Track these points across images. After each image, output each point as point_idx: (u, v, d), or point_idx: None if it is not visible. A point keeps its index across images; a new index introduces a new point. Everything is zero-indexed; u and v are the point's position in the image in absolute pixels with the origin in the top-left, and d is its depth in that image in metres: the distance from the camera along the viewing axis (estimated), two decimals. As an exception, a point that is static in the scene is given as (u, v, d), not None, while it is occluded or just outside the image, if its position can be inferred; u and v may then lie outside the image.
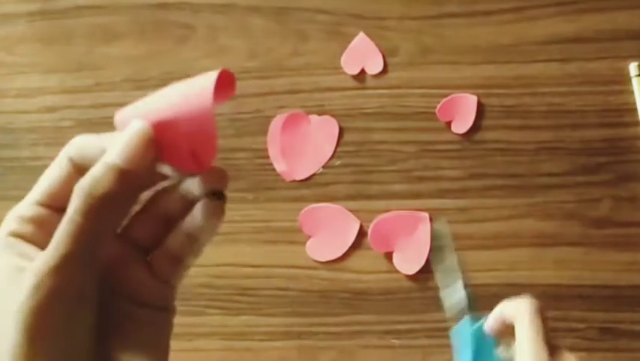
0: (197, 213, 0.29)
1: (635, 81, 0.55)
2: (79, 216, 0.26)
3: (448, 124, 0.58)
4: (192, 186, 0.29)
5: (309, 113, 0.60)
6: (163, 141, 0.28)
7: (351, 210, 0.59)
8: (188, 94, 0.28)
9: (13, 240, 0.28)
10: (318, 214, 0.60)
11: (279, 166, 0.60)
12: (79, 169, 0.30)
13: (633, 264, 0.56)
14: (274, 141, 0.60)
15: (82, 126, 0.63)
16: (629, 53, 0.55)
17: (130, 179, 0.27)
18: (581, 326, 0.56)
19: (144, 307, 0.29)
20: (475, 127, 0.58)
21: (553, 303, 0.57)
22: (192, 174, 0.29)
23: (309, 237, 0.60)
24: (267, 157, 0.60)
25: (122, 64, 0.62)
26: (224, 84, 0.29)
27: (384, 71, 0.59)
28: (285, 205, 0.60)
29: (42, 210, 0.30)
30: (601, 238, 0.56)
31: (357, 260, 0.59)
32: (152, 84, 0.62)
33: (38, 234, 0.29)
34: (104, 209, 0.27)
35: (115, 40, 0.62)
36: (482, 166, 0.57)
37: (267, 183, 0.60)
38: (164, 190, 0.30)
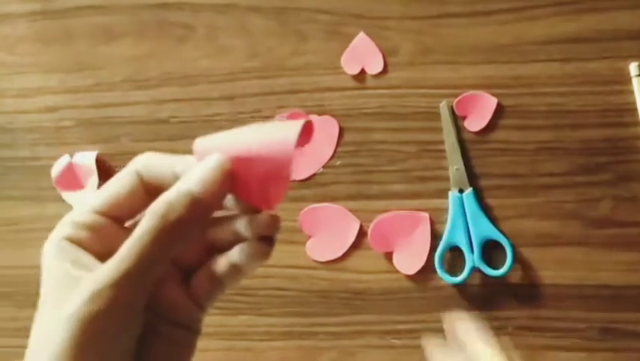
0: (244, 250, 0.30)
1: (635, 81, 0.55)
2: (148, 236, 0.27)
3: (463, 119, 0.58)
4: (244, 225, 0.30)
5: (309, 113, 0.60)
6: (237, 176, 0.29)
7: (351, 210, 0.59)
8: (271, 139, 0.28)
9: (67, 244, 0.28)
10: (318, 214, 0.60)
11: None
12: (145, 185, 0.30)
13: (633, 264, 0.56)
14: (274, 141, 0.60)
15: (82, 126, 0.63)
16: (629, 53, 0.55)
17: (203, 208, 0.28)
18: (581, 326, 0.56)
19: (177, 327, 0.30)
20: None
21: (553, 303, 0.57)
22: (254, 212, 0.30)
23: (309, 237, 0.60)
24: (267, 157, 0.60)
25: (122, 64, 0.62)
26: (305, 133, 0.30)
27: (385, 71, 0.59)
28: (285, 205, 0.60)
29: (100, 219, 0.30)
30: (601, 238, 0.56)
31: (357, 260, 0.59)
32: (152, 84, 0.62)
33: (93, 241, 0.29)
34: (173, 234, 0.27)
35: (115, 40, 0.62)
36: (482, 166, 0.57)
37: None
38: (219, 219, 0.31)
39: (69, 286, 0.26)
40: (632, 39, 0.55)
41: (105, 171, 0.62)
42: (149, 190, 0.30)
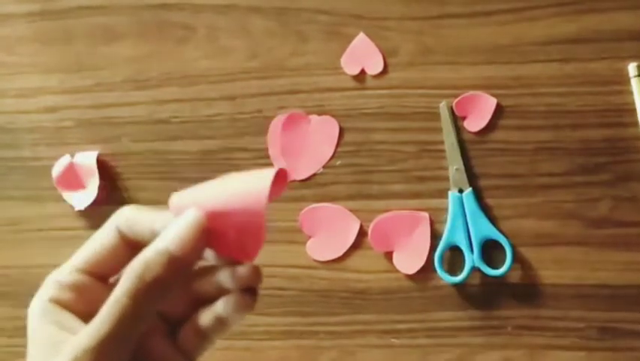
0: (228, 302, 0.30)
1: (634, 81, 0.55)
2: (127, 298, 0.27)
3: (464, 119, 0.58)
4: (227, 277, 0.30)
5: (309, 113, 0.60)
6: (214, 230, 0.29)
7: (351, 210, 0.59)
8: (245, 191, 0.29)
9: (51, 306, 0.29)
10: (319, 214, 0.60)
11: (280, 166, 0.60)
12: (126, 240, 0.31)
13: (633, 264, 0.56)
14: (274, 141, 0.60)
15: (82, 126, 0.63)
16: (628, 53, 0.55)
17: (180, 266, 0.28)
18: (581, 325, 0.56)
19: None
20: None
21: (553, 303, 0.57)
22: (234, 264, 0.30)
23: (310, 237, 0.60)
24: (268, 157, 0.60)
25: (122, 64, 0.62)
26: (279, 181, 0.30)
27: (385, 71, 0.59)
28: (286, 205, 0.60)
29: (83, 278, 0.30)
30: (601, 238, 0.56)
31: (358, 260, 0.59)
32: (153, 84, 0.62)
33: (77, 301, 0.29)
34: (151, 294, 0.28)
35: (115, 40, 0.62)
36: (482, 166, 0.58)
37: (267, 183, 0.60)
38: (202, 271, 0.31)
39: (52, 352, 0.27)
40: (632, 39, 0.55)
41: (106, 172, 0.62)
42: (131, 245, 0.30)
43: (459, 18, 0.57)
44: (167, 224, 0.29)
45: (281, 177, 0.30)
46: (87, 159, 0.62)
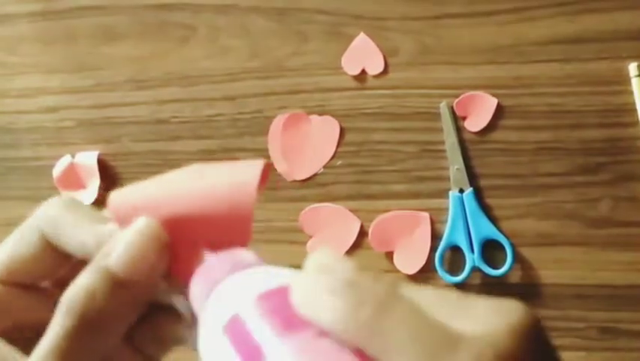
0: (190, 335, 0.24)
1: (634, 81, 0.55)
2: (64, 339, 0.21)
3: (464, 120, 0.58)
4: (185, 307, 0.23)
5: (309, 113, 0.60)
6: (176, 245, 0.21)
7: (351, 210, 0.59)
8: (220, 187, 0.21)
9: None
10: (319, 214, 0.60)
11: (280, 166, 0.60)
12: (50, 245, 0.25)
13: (633, 264, 0.56)
14: (275, 141, 0.60)
15: (83, 126, 0.63)
16: (629, 53, 0.55)
17: (131, 294, 0.22)
18: (581, 325, 0.56)
19: None
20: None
21: (553, 303, 0.57)
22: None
23: (310, 237, 0.60)
24: (268, 157, 0.60)
25: (123, 64, 0.62)
26: (261, 178, 0.22)
27: (385, 71, 0.59)
28: (286, 205, 0.60)
29: (3, 289, 0.25)
30: (601, 238, 0.56)
31: (358, 260, 0.59)
32: (154, 84, 0.62)
33: (2, 317, 0.24)
34: (95, 330, 0.22)
35: (116, 40, 0.63)
36: (482, 166, 0.58)
37: (268, 183, 0.60)
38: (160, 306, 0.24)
39: None
40: (632, 39, 0.55)
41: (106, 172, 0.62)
42: (61, 250, 0.24)
43: (459, 18, 0.57)
44: (103, 236, 0.23)
45: (264, 173, 0.22)
46: (88, 159, 0.62)
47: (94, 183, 0.62)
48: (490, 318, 0.18)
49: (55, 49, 0.63)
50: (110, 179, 0.62)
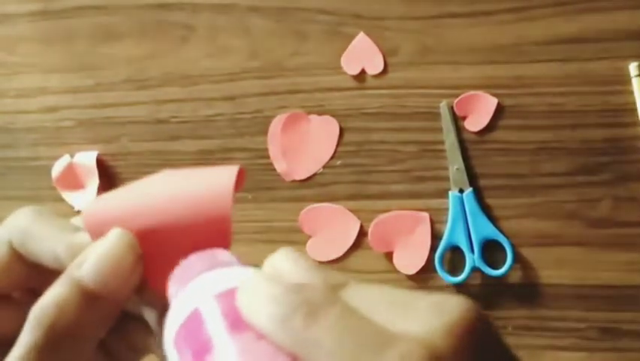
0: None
1: (635, 81, 0.55)
2: (33, 352, 0.21)
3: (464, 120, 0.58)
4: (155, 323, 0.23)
5: (309, 113, 0.60)
6: (152, 255, 0.21)
7: (351, 210, 0.59)
8: (195, 195, 0.20)
9: None
10: (319, 214, 0.60)
11: (280, 166, 0.60)
12: (19, 256, 0.24)
13: (633, 264, 0.56)
14: (274, 141, 0.60)
15: (82, 126, 0.63)
16: (629, 53, 0.55)
17: (102, 305, 0.21)
18: (581, 325, 0.56)
19: None
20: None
21: (553, 303, 0.57)
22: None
23: (310, 237, 0.60)
24: (268, 157, 0.60)
25: (122, 64, 0.62)
26: (236, 181, 0.22)
27: (385, 71, 0.59)
28: (286, 205, 0.60)
29: None
30: (601, 238, 0.56)
31: (358, 260, 0.59)
32: (153, 84, 0.62)
33: None
34: (65, 342, 0.21)
35: (116, 40, 0.62)
36: (482, 166, 0.57)
37: (268, 183, 0.60)
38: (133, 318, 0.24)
39: None
40: (632, 39, 0.55)
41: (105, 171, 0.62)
42: (30, 261, 0.24)
43: (459, 18, 0.57)
44: (76, 247, 0.22)
45: (240, 175, 0.22)
46: (87, 159, 0.62)
47: (93, 183, 0.62)
48: (430, 317, 0.18)
49: (54, 49, 0.63)
50: (109, 179, 0.62)
